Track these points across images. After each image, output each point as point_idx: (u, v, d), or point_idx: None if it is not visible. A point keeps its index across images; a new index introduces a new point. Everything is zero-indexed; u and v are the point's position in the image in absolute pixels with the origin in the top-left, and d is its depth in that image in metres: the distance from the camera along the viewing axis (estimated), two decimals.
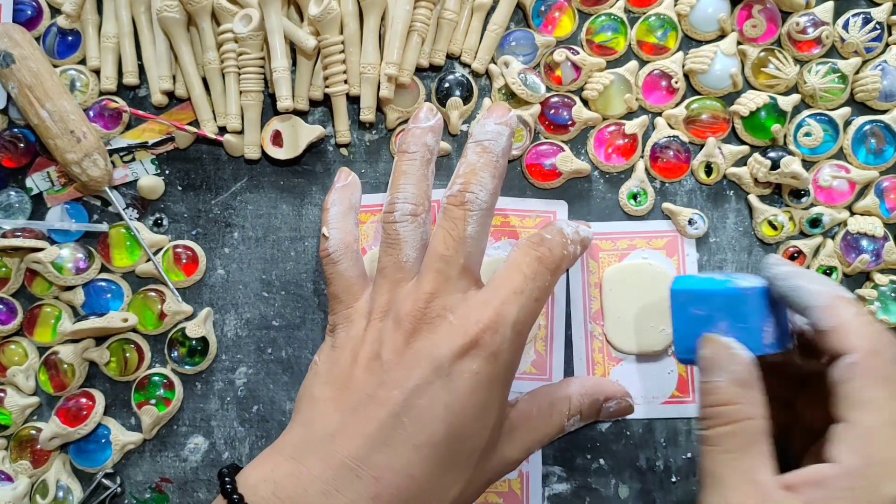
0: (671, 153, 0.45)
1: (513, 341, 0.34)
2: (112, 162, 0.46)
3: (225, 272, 0.46)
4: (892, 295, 0.43)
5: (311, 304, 0.46)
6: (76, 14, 0.46)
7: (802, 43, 0.45)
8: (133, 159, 0.47)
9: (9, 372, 0.45)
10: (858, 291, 0.44)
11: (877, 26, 0.45)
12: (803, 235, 0.45)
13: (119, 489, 0.45)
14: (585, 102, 0.46)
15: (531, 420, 0.39)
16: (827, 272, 0.44)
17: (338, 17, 0.44)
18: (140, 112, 0.46)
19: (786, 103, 0.44)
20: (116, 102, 0.47)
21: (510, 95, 0.45)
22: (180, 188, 0.47)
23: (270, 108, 0.46)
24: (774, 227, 0.44)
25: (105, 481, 0.45)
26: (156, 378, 0.45)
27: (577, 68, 0.45)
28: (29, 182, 0.47)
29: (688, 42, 0.46)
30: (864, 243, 0.44)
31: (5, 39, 0.43)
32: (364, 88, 0.45)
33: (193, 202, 0.47)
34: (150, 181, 0.46)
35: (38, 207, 0.47)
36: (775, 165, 0.43)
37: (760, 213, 0.44)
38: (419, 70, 0.46)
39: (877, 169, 0.45)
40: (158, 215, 0.47)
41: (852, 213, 0.45)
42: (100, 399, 0.45)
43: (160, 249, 0.46)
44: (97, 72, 0.47)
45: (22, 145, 0.46)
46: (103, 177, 0.44)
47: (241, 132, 0.46)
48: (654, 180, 0.45)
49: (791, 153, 0.44)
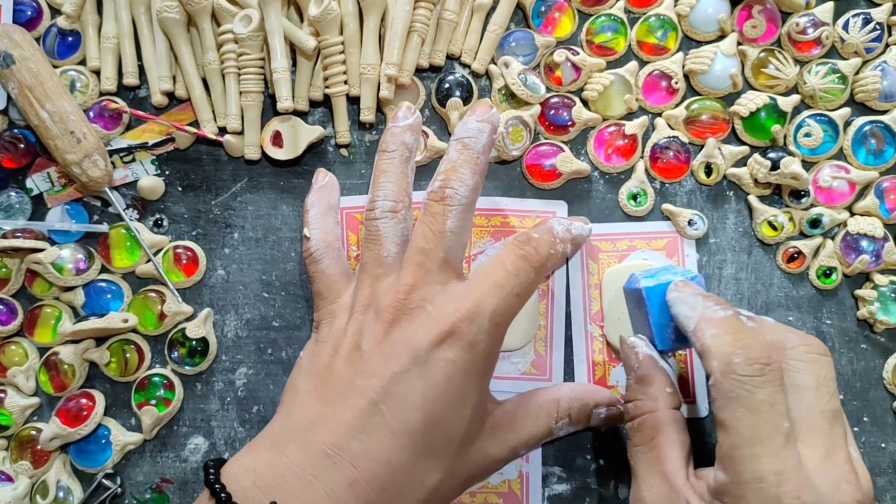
0: (671, 154, 0.45)
1: (490, 332, 0.35)
2: (112, 162, 0.46)
3: (225, 273, 0.46)
4: (892, 295, 0.44)
5: (312, 305, 0.46)
6: (76, 15, 0.46)
7: (802, 43, 0.45)
8: (133, 160, 0.47)
9: (9, 372, 0.45)
10: (858, 292, 0.44)
11: (877, 27, 0.45)
12: (803, 236, 0.45)
13: (119, 489, 0.45)
14: (585, 103, 0.46)
15: (516, 420, 0.39)
16: (827, 273, 0.44)
17: (338, 18, 0.44)
18: (140, 113, 0.46)
19: (786, 104, 0.44)
20: (116, 103, 0.47)
21: (510, 96, 0.45)
22: (180, 189, 0.47)
23: (270, 109, 0.46)
24: (774, 228, 0.44)
25: (105, 482, 0.45)
26: (156, 378, 0.45)
27: (577, 69, 0.45)
28: (29, 183, 0.47)
29: (688, 42, 0.46)
30: (864, 244, 0.44)
31: (5, 40, 0.43)
32: (364, 89, 0.45)
33: (193, 203, 0.47)
34: (151, 182, 0.46)
35: (39, 208, 0.47)
36: (775, 166, 0.43)
37: (760, 214, 0.44)
38: (419, 70, 0.46)
39: (877, 169, 0.45)
40: (158, 216, 0.47)
41: (852, 214, 0.45)
42: (100, 399, 0.45)
43: (160, 250, 0.46)
44: (97, 72, 0.47)
45: (22, 146, 0.46)
46: (103, 177, 0.44)
47: (241, 133, 0.46)
48: (654, 181, 0.45)
49: (791, 154, 0.44)
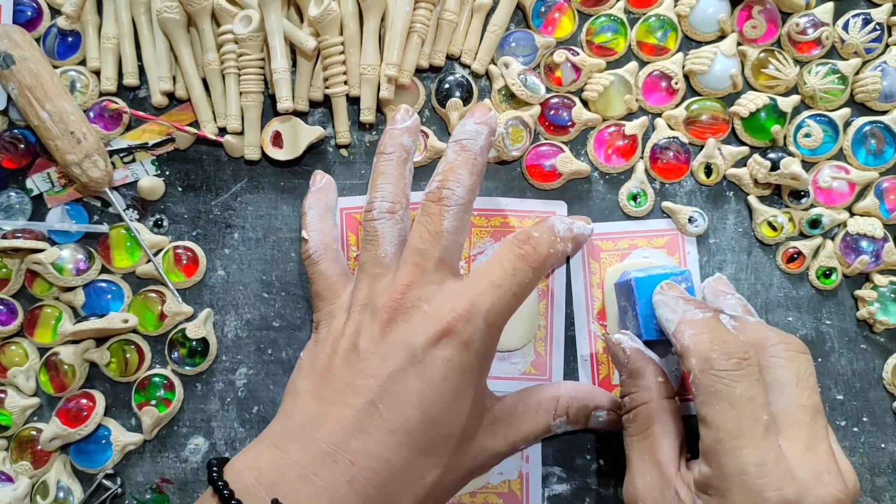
0: (671, 154, 0.45)
1: (485, 331, 0.35)
2: (112, 163, 0.46)
3: (225, 273, 0.46)
4: (892, 296, 0.44)
5: (312, 306, 0.46)
6: (76, 15, 0.46)
7: (802, 44, 0.45)
8: (133, 160, 0.47)
9: (9, 373, 0.45)
10: (858, 293, 0.44)
11: (877, 27, 0.45)
12: (803, 236, 0.45)
13: (119, 490, 0.45)
14: (585, 103, 0.46)
15: (515, 415, 0.40)
16: (826, 273, 0.44)
17: (338, 18, 0.44)
18: (140, 113, 0.46)
19: (786, 104, 0.44)
20: (116, 103, 0.47)
21: (510, 96, 0.45)
22: (180, 189, 0.47)
23: (270, 109, 0.46)
24: (774, 228, 0.44)
25: (105, 482, 0.45)
26: (156, 379, 0.45)
27: (577, 69, 0.45)
28: (29, 183, 0.47)
29: (688, 43, 0.46)
30: (864, 244, 0.44)
31: (5, 40, 0.43)
32: (364, 89, 0.45)
33: (194, 203, 0.47)
34: (151, 182, 0.46)
35: (39, 208, 0.47)
36: (775, 166, 0.43)
37: (760, 214, 0.44)
38: (419, 71, 0.46)
39: (876, 170, 0.45)
40: (159, 216, 0.47)
41: (852, 214, 0.45)
42: (100, 400, 0.45)
43: (160, 250, 0.46)
44: (97, 73, 0.47)
45: (22, 146, 0.46)
46: (103, 178, 0.44)
47: (242, 133, 0.46)
48: (654, 181, 0.45)
49: (791, 154, 0.44)
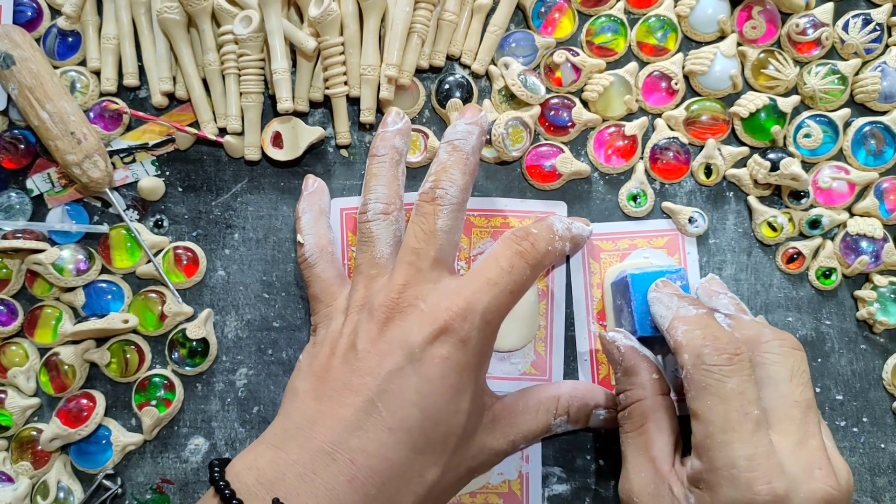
0: (671, 154, 0.45)
1: (481, 329, 0.35)
2: (112, 163, 0.46)
3: (225, 273, 0.46)
4: (892, 296, 0.44)
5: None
6: (76, 15, 0.46)
7: (802, 44, 0.45)
8: (133, 160, 0.47)
9: (10, 373, 0.45)
10: (857, 293, 0.44)
11: (876, 27, 0.45)
12: (803, 237, 0.45)
13: (120, 490, 0.45)
14: (585, 104, 0.46)
15: (516, 414, 0.40)
16: (826, 273, 0.44)
17: (338, 19, 0.44)
18: (140, 113, 0.46)
19: (785, 105, 0.44)
20: (117, 104, 0.47)
21: (510, 97, 0.45)
22: (181, 189, 0.47)
23: (270, 110, 0.47)
24: (774, 229, 0.45)
25: (106, 482, 0.45)
26: (156, 379, 0.45)
27: (577, 69, 0.45)
28: (29, 183, 0.47)
29: (688, 43, 0.46)
30: (864, 245, 0.44)
31: (5, 41, 0.43)
32: (364, 90, 0.45)
33: (194, 203, 0.47)
34: (151, 182, 0.46)
35: (39, 209, 0.47)
36: (775, 167, 0.43)
37: (760, 215, 0.45)
38: (419, 71, 0.46)
39: (876, 170, 0.45)
40: (159, 216, 0.47)
41: (852, 215, 0.45)
42: (100, 400, 0.45)
43: (161, 251, 0.46)
44: (97, 73, 0.47)
45: (22, 147, 0.46)
46: (104, 178, 0.44)
47: (242, 133, 0.46)
48: (654, 182, 0.46)
49: (791, 154, 0.44)
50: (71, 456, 0.45)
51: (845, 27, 0.45)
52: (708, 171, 0.45)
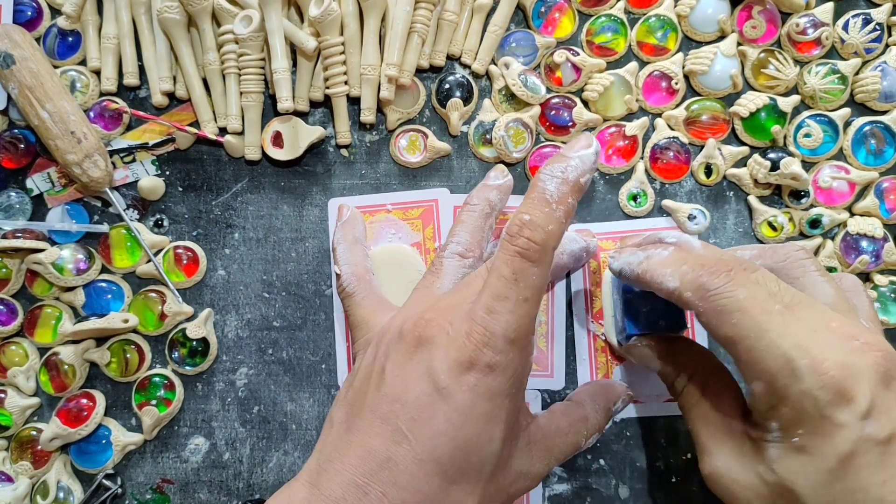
0: (671, 154, 0.45)
1: (507, 352, 0.33)
2: (112, 163, 0.46)
3: (226, 273, 0.46)
4: (892, 296, 0.44)
5: (313, 305, 0.46)
6: (76, 15, 0.46)
7: (802, 44, 0.45)
8: (133, 160, 0.47)
9: (9, 373, 0.45)
10: None
11: (876, 27, 0.45)
12: (803, 236, 0.45)
13: (120, 490, 0.45)
14: (586, 103, 0.46)
15: (549, 437, 0.38)
16: None
17: (338, 19, 0.44)
18: (140, 113, 0.46)
19: (786, 104, 0.44)
20: (117, 103, 0.47)
21: (510, 97, 0.45)
22: (181, 189, 0.47)
23: (271, 109, 0.47)
24: (774, 228, 0.45)
25: (106, 482, 0.45)
26: (156, 379, 0.45)
27: (578, 69, 0.45)
28: (29, 183, 0.47)
29: (688, 43, 0.46)
30: (864, 244, 0.44)
31: (6, 40, 0.43)
32: (364, 89, 0.45)
33: (194, 203, 0.47)
34: (151, 182, 0.46)
35: (39, 208, 0.47)
36: (775, 166, 0.43)
37: (760, 214, 0.45)
38: (419, 71, 0.46)
39: (876, 170, 0.45)
40: (159, 216, 0.47)
41: (852, 214, 0.45)
42: (100, 400, 0.45)
43: (161, 250, 0.46)
44: (97, 73, 0.47)
45: (22, 146, 0.46)
46: (104, 178, 0.44)
47: (242, 133, 0.46)
48: (654, 181, 0.46)
49: (791, 154, 0.44)
50: (71, 456, 0.45)
51: (845, 27, 0.45)
52: (708, 171, 0.45)
